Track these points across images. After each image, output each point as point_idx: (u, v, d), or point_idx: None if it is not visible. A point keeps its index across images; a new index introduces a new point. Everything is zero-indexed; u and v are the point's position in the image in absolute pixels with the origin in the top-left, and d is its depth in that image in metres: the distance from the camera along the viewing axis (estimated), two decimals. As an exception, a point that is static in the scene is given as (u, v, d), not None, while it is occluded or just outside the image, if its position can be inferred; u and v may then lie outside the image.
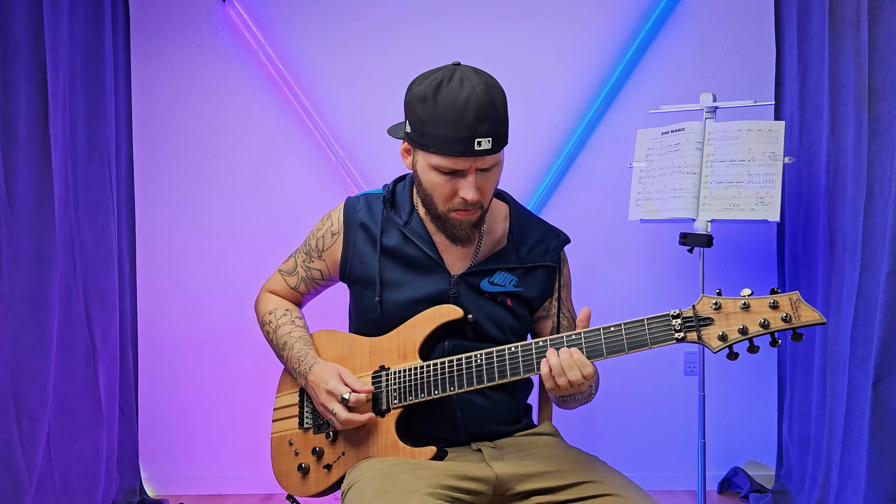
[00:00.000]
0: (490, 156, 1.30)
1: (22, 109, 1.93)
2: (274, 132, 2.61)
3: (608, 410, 2.65)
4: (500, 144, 1.31)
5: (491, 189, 1.37)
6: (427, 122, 1.29)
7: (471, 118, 1.26)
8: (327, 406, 1.39)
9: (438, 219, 1.39)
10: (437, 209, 1.37)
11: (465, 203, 1.33)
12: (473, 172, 1.31)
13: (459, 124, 1.26)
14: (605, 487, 1.25)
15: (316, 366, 1.44)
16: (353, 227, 1.48)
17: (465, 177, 1.31)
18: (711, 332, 1.17)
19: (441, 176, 1.32)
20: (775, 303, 1.14)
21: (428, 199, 1.38)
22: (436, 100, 1.28)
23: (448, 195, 1.34)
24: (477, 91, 1.27)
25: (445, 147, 1.28)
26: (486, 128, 1.27)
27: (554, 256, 1.49)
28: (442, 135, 1.28)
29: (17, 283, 1.92)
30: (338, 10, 2.60)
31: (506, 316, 1.44)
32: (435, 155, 1.30)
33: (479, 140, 1.27)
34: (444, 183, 1.33)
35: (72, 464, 2.12)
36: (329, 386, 1.38)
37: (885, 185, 1.84)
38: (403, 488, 1.22)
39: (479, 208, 1.36)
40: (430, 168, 1.33)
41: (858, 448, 1.90)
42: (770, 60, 2.53)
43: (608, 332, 1.23)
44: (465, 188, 1.31)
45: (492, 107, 1.28)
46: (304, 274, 1.57)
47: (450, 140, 1.27)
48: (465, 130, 1.26)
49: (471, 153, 1.27)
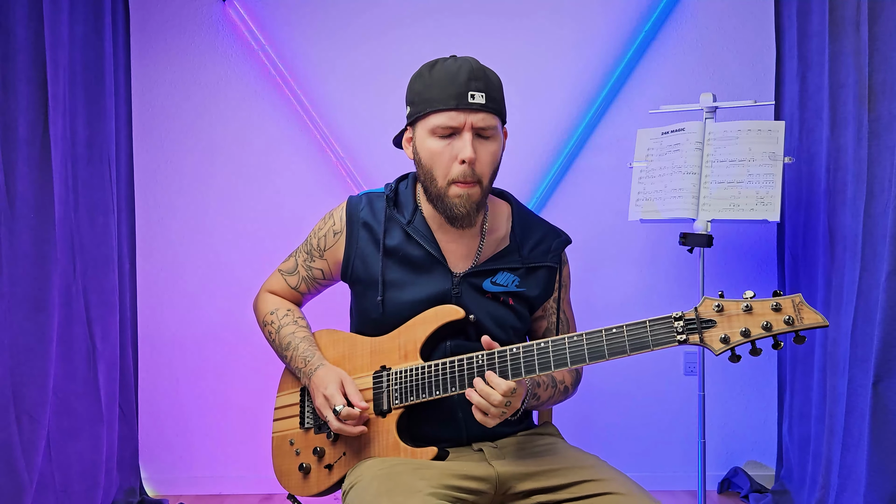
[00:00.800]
0: (484, 113, 1.34)
1: (22, 109, 1.92)
2: (274, 132, 2.61)
3: (608, 410, 2.65)
4: (494, 105, 1.35)
5: (489, 162, 1.37)
6: (422, 90, 1.37)
7: (464, 77, 1.33)
8: (321, 411, 1.39)
9: (439, 199, 1.39)
10: (437, 184, 1.37)
11: (465, 171, 1.34)
12: (470, 131, 1.33)
13: (453, 82, 1.33)
14: (606, 486, 1.25)
15: (321, 368, 1.44)
16: (356, 226, 1.48)
17: (461, 135, 1.34)
18: (713, 335, 1.17)
19: (439, 141, 1.35)
20: (778, 305, 1.14)
21: (429, 176, 1.38)
22: (431, 71, 1.37)
23: (447, 162, 1.35)
24: (470, 61, 1.37)
25: (440, 102, 1.33)
26: (480, 85, 1.33)
27: (555, 257, 1.49)
28: (436, 93, 1.34)
29: (17, 283, 1.91)
30: (338, 10, 2.60)
31: (508, 315, 1.44)
32: (431, 115, 1.34)
33: (473, 93, 1.32)
34: (443, 149, 1.35)
35: (72, 464, 2.12)
36: (327, 392, 1.38)
37: (885, 185, 1.84)
38: (405, 488, 1.22)
39: (478, 183, 1.36)
40: (429, 135, 1.36)
41: (858, 448, 1.90)
42: (770, 60, 2.53)
43: (610, 333, 1.22)
44: (463, 147, 1.33)
45: (484, 72, 1.36)
46: (304, 273, 1.56)
47: (444, 96, 1.33)
48: (459, 86, 1.33)
49: (464, 105, 1.32)
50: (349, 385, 1.39)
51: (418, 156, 1.40)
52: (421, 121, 1.37)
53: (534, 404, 1.39)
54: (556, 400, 1.45)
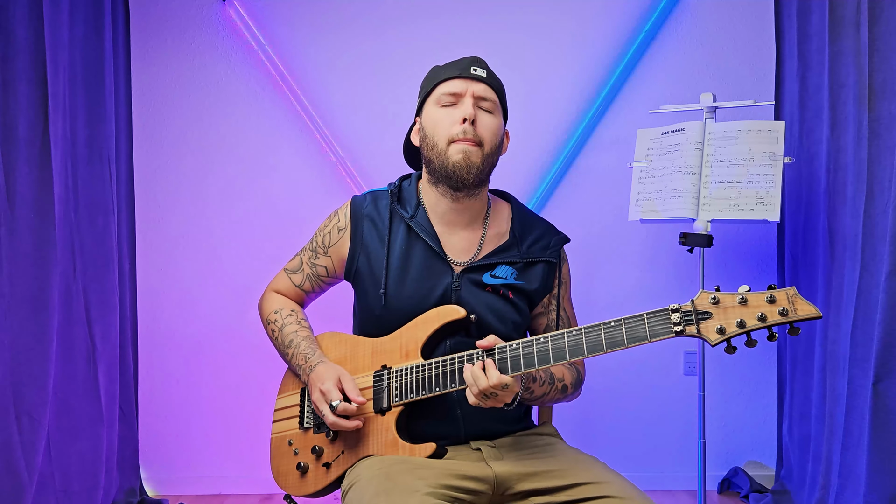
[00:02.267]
0: (485, 85, 1.45)
1: (22, 109, 1.93)
2: (274, 132, 2.61)
3: (608, 410, 2.65)
4: (494, 83, 1.47)
5: (491, 129, 1.44)
6: (432, 77, 1.50)
7: (468, 60, 1.48)
8: (317, 405, 1.40)
9: (441, 163, 1.43)
10: (439, 147, 1.42)
11: (465, 128, 1.40)
12: (471, 97, 1.43)
13: (458, 63, 1.48)
14: (605, 489, 1.25)
15: (321, 364, 1.45)
16: (360, 221, 1.51)
17: (463, 101, 1.43)
18: (710, 326, 1.18)
19: (443, 110, 1.44)
20: (772, 297, 1.16)
21: (431, 143, 1.44)
22: (440, 64, 1.51)
23: (449, 124, 1.42)
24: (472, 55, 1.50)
25: (445, 73, 1.46)
26: (482, 66, 1.47)
27: (554, 253, 1.51)
28: (442, 72, 1.47)
29: (17, 283, 1.92)
30: (338, 10, 2.61)
31: (508, 309, 1.45)
32: (437, 87, 1.45)
33: (474, 68, 1.46)
34: (446, 115, 1.43)
35: (72, 464, 2.12)
36: (324, 387, 1.39)
37: (885, 185, 1.84)
38: (403, 488, 1.22)
39: (479, 145, 1.42)
40: (435, 107, 1.45)
41: (858, 448, 1.90)
42: (770, 60, 2.53)
43: (608, 326, 1.23)
44: (463, 108, 1.42)
45: (488, 66, 1.49)
46: (309, 271, 1.58)
47: (449, 69, 1.47)
48: (463, 63, 1.47)
49: (467, 74, 1.44)
50: (347, 381, 1.40)
51: (424, 131, 1.47)
52: (428, 98, 1.47)
53: (526, 397, 1.39)
54: (553, 398, 1.45)
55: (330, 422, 1.37)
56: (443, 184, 1.45)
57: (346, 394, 1.39)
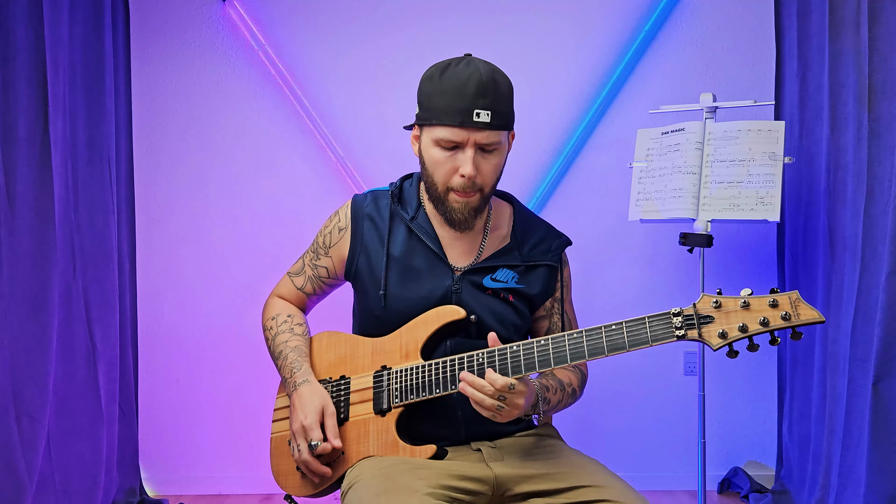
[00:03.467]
0: (488, 131, 1.33)
1: (22, 109, 1.93)
2: (274, 132, 2.61)
3: (608, 411, 2.65)
4: (499, 121, 1.33)
5: (491, 173, 1.38)
6: (431, 96, 1.36)
7: (471, 90, 1.31)
8: (295, 436, 1.39)
9: (439, 201, 1.40)
10: (438, 189, 1.39)
11: (464, 184, 1.35)
12: (472, 147, 1.34)
13: (460, 96, 1.31)
14: (605, 493, 1.25)
15: (305, 385, 1.43)
16: (360, 221, 1.50)
17: (463, 151, 1.34)
18: (712, 330, 1.18)
19: (442, 151, 1.35)
20: (775, 301, 1.15)
21: (430, 180, 1.40)
22: (441, 77, 1.35)
23: (448, 172, 1.36)
24: (480, 70, 1.33)
25: (446, 116, 1.32)
26: (486, 102, 1.31)
27: (555, 256, 1.50)
28: (443, 106, 1.33)
29: (17, 283, 1.91)
30: (338, 10, 2.61)
31: (508, 312, 1.45)
32: (436, 127, 1.34)
33: (478, 112, 1.31)
34: (445, 160, 1.35)
35: (72, 464, 2.12)
36: (306, 422, 1.37)
37: (885, 185, 1.84)
38: (403, 488, 1.22)
39: (479, 191, 1.38)
40: (433, 144, 1.36)
41: (858, 448, 1.90)
42: (770, 60, 2.53)
43: (609, 329, 1.23)
44: (464, 163, 1.34)
45: (493, 84, 1.33)
46: (310, 273, 1.57)
47: (450, 110, 1.32)
48: (465, 101, 1.31)
49: (469, 124, 1.31)
50: (329, 418, 1.38)
51: (422, 158, 1.41)
52: (427, 128, 1.38)
53: (545, 409, 1.37)
54: (566, 403, 1.45)
55: (303, 459, 1.36)
56: (443, 216, 1.43)
57: (325, 431, 1.37)
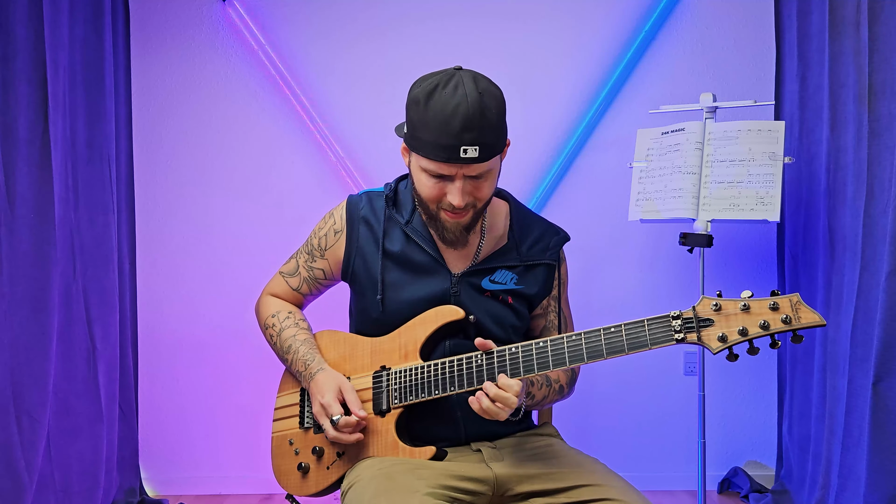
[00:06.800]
0: (477, 164, 1.29)
1: (22, 109, 1.93)
2: (274, 132, 2.61)
3: (608, 411, 2.65)
4: (487, 153, 1.29)
5: (484, 193, 1.36)
6: (418, 125, 1.30)
7: (457, 127, 1.25)
8: (318, 419, 1.40)
9: (431, 218, 1.40)
10: (429, 209, 1.38)
11: (454, 208, 1.33)
12: (461, 179, 1.31)
13: (446, 131, 1.26)
14: (606, 492, 1.25)
15: (321, 372, 1.43)
16: (356, 224, 1.48)
17: (452, 182, 1.32)
18: (711, 333, 1.17)
19: (430, 179, 1.33)
20: (775, 304, 1.14)
21: (420, 200, 1.39)
22: (427, 105, 1.28)
23: (436, 197, 1.35)
24: (468, 100, 1.25)
25: (431, 152, 1.29)
26: (473, 136, 1.26)
27: (554, 254, 1.49)
28: (430, 140, 1.28)
29: (17, 283, 1.91)
30: (338, 10, 2.60)
31: (507, 314, 1.44)
32: (423, 158, 1.31)
33: (465, 148, 1.26)
34: (433, 186, 1.33)
35: (72, 464, 2.12)
36: (324, 400, 1.37)
37: (885, 185, 1.84)
38: (403, 488, 1.22)
39: (471, 209, 1.36)
40: (421, 170, 1.34)
41: (858, 448, 1.90)
42: (770, 60, 2.53)
43: (608, 332, 1.23)
44: (452, 193, 1.32)
45: (481, 115, 1.26)
46: (306, 274, 1.56)
47: (436, 146, 1.28)
48: (451, 138, 1.26)
49: (455, 160, 1.27)
50: (348, 392, 1.39)
51: (412, 178, 1.40)
52: (415, 154, 1.34)
53: (528, 403, 1.39)
54: (551, 399, 1.45)
55: (331, 436, 1.35)
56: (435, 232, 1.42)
57: (347, 406, 1.37)
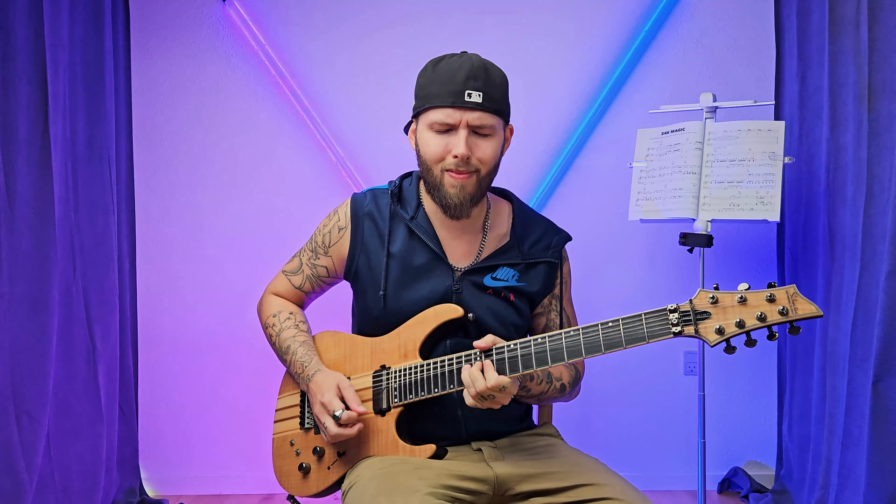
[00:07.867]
0: (480, 112, 1.34)
1: (22, 109, 1.93)
2: (274, 132, 2.61)
3: (608, 410, 2.65)
4: (491, 104, 1.35)
5: (486, 155, 1.38)
6: (425, 85, 1.39)
7: (463, 75, 1.35)
8: (319, 418, 1.39)
9: (435, 188, 1.40)
10: (434, 173, 1.39)
11: (458, 163, 1.35)
12: (465, 128, 1.35)
13: (452, 80, 1.35)
14: (606, 491, 1.25)
15: (318, 374, 1.44)
16: (360, 220, 1.49)
17: (456, 133, 1.36)
18: (709, 326, 1.17)
19: (436, 136, 1.37)
20: (772, 296, 1.15)
21: (425, 166, 1.41)
22: (436, 67, 1.39)
23: (441, 153, 1.37)
24: (473, 59, 1.37)
25: (437, 99, 1.35)
26: (478, 84, 1.34)
27: (556, 253, 1.50)
28: (436, 90, 1.36)
29: (17, 283, 1.91)
30: (338, 10, 2.61)
31: (508, 312, 1.45)
32: (429, 111, 1.37)
33: (469, 92, 1.34)
34: (439, 143, 1.37)
35: (72, 464, 2.12)
36: (324, 399, 1.37)
37: (885, 184, 1.84)
38: (404, 488, 1.22)
39: (475, 173, 1.38)
40: (427, 129, 1.38)
41: (858, 448, 1.90)
42: (770, 60, 2.53)
43: (606, 327, 1.23)
44: (456, 143, 1.35)
45: (485, 71, 1.36)
46: (309, 272, 1.57)
47: (442, 93, 1.35)
48: (457, 84, 1.34)
49: (460, 103, 1.34)
50: (346, 390, 1.39)
51: (418, 148, 1.42)
52: (421, 115, 1.40)
53: (522, 395, 1.39)
54: (551, 396, 1.45)
55: (334, 433, 1.35)
56: (438, 204, 1.42)
57: (346, 402, 1.37)
